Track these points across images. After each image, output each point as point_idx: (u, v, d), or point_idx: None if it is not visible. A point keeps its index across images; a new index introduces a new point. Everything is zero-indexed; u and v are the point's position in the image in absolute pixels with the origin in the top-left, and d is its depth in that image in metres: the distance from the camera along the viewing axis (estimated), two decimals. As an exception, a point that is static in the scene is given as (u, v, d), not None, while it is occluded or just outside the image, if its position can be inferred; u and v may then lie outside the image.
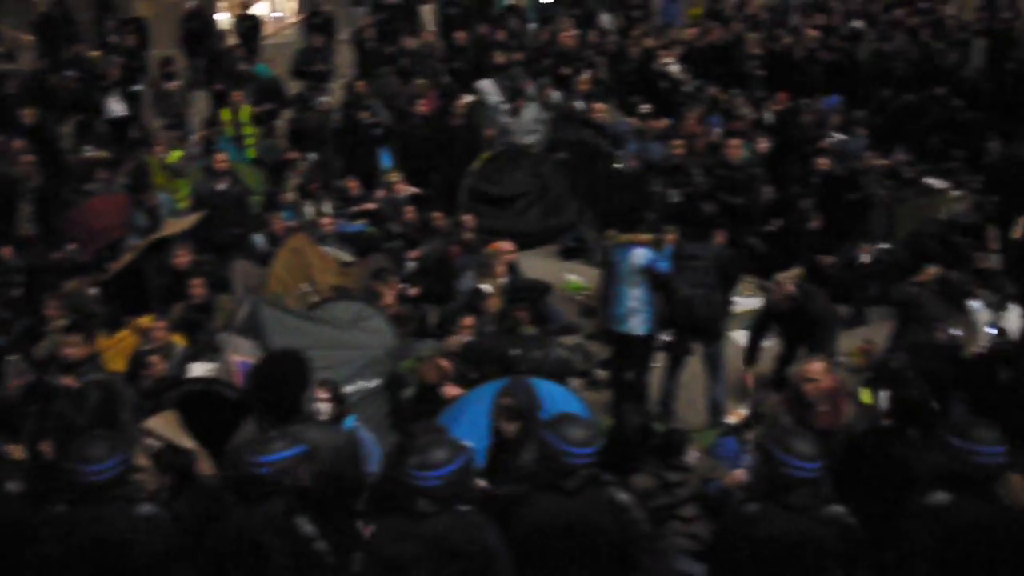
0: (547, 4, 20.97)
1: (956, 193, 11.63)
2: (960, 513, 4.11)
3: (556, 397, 6.27)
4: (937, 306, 7.38)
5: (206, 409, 6.08)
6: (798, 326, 7.61)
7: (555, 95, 13.10)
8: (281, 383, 5.07)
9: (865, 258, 10.02)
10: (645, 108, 13.06)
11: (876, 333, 8.47)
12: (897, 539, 4.30)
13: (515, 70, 14.51)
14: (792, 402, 6.01)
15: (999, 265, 9.51)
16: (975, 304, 7.40)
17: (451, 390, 6.72)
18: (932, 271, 7.95)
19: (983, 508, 4.09)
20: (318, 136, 12.17)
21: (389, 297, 8.56)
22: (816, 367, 5.92)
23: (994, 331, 7.17)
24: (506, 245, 9.30)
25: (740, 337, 9.12)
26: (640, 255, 7.44)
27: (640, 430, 6.10)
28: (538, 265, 10.58)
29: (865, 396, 6.56)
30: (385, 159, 12.50)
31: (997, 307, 7.53)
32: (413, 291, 9.28)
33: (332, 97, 14.14)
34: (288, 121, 13.14)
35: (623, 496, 4.43)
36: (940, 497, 4.15)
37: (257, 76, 14.74)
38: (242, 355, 6.89)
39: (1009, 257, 9.37)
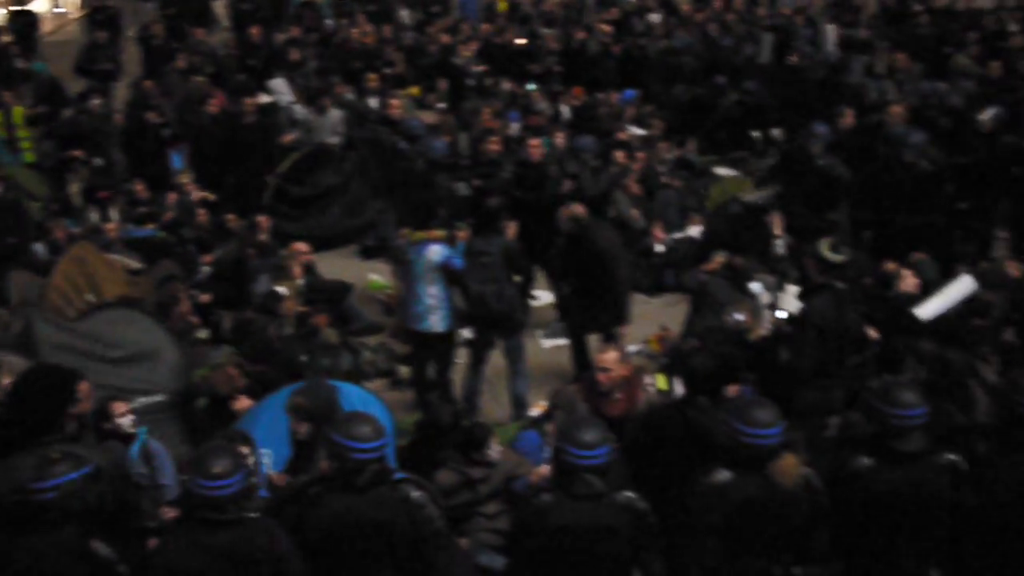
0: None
1: (744, 181, 12.09)
2: (740, 491, 4.25)
3: (354, 399, 6.15)
4: (725, 291, 7.66)
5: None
6: (585, 264, 7.77)
7: (348, 93, 12.96)
8: (38, 400, 4.79)
9: (659, 247, 10.31)
10: (439, 104, 13.09)
11: (672, 320, 8.71)
12: (685, 517, 4.43)
13: (309, 68, 14.32)
14: (587, 391, 6.09)
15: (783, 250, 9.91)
16: (756, 287, 7.70)
17: (242, 403, 6.50)
18: (720, 258, 8.22)
19: (760, 486, 4.25)
20: (95, 138, 11.56)
21: (183, 304, 8.25)
22: (609, 356, 6.02)
23: (782, 313, 7.48)
24: (301, 246, 9.11)
25: (540, 336, 9.26)
26: (435, 252, 7.41)
27: (452, 418, 6.08)
28: (340, 265, 10.43)
29: (661, 382, 6.74)
30: (176, 160, 12.02)
31: (776, 289, 7.85)
32: (204, 297, 8.95)
33: (117, 96, 13.54)
34: (62, 122, 12.39)
35: (417, 494, 4.44)
36: (722, 475, 4.28)
37: (35, 74, 13.94)
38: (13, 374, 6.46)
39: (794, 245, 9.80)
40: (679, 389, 6.46)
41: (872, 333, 6.55)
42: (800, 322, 6.04)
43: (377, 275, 10.20)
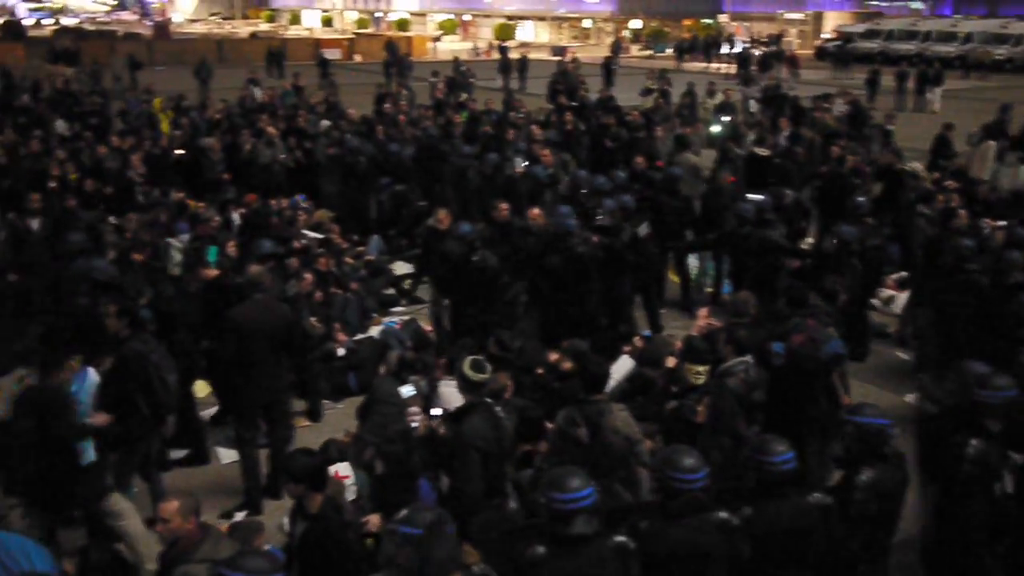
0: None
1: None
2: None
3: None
4: (389, 391, 7.75)
5: None
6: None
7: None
8: None
9: (341, 350, 10.28)
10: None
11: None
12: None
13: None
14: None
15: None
16: (407, 390, 7.96)
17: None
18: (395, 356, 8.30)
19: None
20: None
21: None
22: (170, 506, 5.30)
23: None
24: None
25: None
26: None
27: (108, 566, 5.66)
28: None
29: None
30: None
31: (429, 390, 8.10)
32: None
33: None
34: None
35: None
36: None
37: None
38: None
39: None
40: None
41: (550, 425, 6.78)
42: (461, 446, 5.93)
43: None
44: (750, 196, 12.00)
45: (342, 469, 7.07)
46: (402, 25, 72.35)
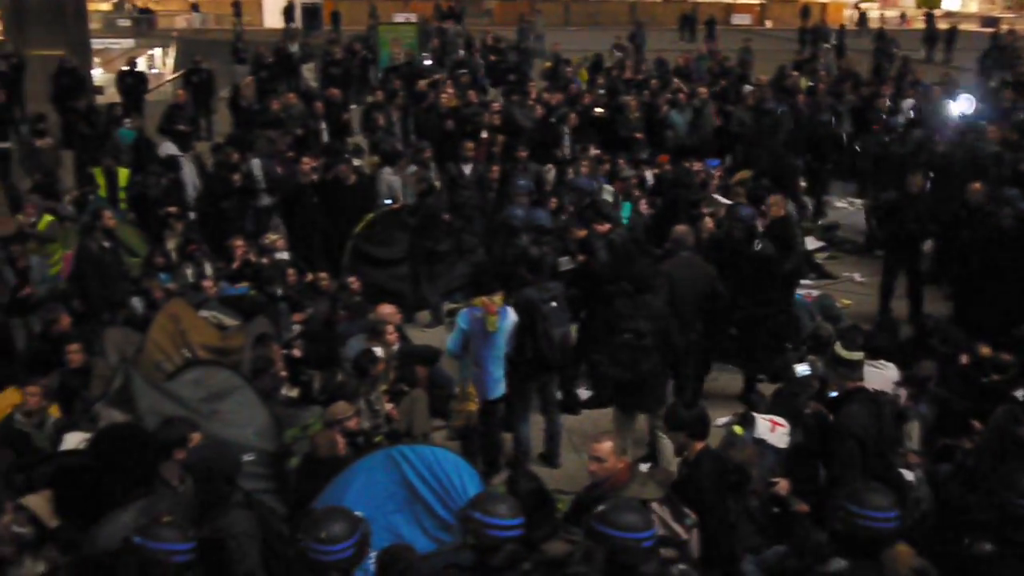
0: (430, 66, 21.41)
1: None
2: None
3: (447, 465, 6.10)
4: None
5: (80, 483, 5.74)
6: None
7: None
8: (127, 456, 5.16)
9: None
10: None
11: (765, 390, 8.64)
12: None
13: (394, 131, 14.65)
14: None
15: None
16: (803, 368, 7.76)
17: None
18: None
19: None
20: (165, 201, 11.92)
21: (277, 365, 8.32)
22: (604, 446, 5.58)
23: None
24: (391, 309, 9.03)
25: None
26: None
27: (534, 494, 6.00)
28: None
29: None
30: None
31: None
32: (297, 352, 9.03)
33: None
34: (134, 184, 12.72)
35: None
36: (838, 564, 4.13)
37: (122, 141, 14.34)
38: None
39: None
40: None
41: (976, 424, 6.41)
42: (839, 435, 5.64)
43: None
44: None
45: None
46: (816, -9, 69.81)
